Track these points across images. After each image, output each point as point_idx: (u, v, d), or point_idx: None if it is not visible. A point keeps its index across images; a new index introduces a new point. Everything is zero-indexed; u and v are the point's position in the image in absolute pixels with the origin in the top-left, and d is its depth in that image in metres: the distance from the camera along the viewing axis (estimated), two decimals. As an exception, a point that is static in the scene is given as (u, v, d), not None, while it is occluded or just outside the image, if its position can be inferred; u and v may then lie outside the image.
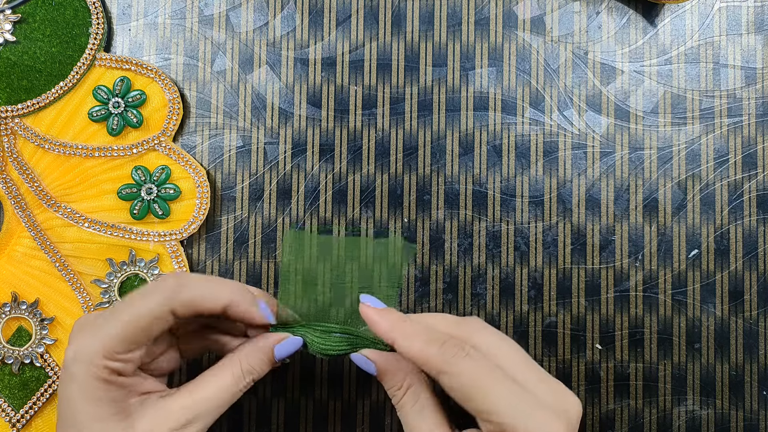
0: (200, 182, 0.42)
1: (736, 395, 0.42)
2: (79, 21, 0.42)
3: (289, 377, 0.42)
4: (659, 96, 0.42)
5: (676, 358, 0.42)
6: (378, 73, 0.43)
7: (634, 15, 0.43)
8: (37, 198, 0.42)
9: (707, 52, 0.43)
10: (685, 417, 0.41)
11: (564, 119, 0.42)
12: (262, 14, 0.43)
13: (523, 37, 0.43)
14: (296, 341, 0.35)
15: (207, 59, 0.43)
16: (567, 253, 0.42)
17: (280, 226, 0.43)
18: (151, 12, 0.43)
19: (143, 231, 0.42)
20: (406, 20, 0.43)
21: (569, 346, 0.42)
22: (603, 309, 0.42)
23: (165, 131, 0.42)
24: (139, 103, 0.42)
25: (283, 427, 0.42)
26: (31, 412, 0.41)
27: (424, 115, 0.43)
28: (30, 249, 0.42)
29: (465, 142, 0.42)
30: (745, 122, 0.42)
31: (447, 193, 0.42)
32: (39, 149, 0.42)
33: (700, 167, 0.42)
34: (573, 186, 0.42)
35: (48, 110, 0.42)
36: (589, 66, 0.43)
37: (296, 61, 0.43)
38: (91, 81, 0.42)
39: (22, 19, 0.42)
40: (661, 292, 0.42)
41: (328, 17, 0.43)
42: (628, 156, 0.42)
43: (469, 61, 0.43)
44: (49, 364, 0.41)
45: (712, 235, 0.42)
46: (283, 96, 0.43)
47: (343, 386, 0.42)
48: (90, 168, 0.42)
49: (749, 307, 0.42)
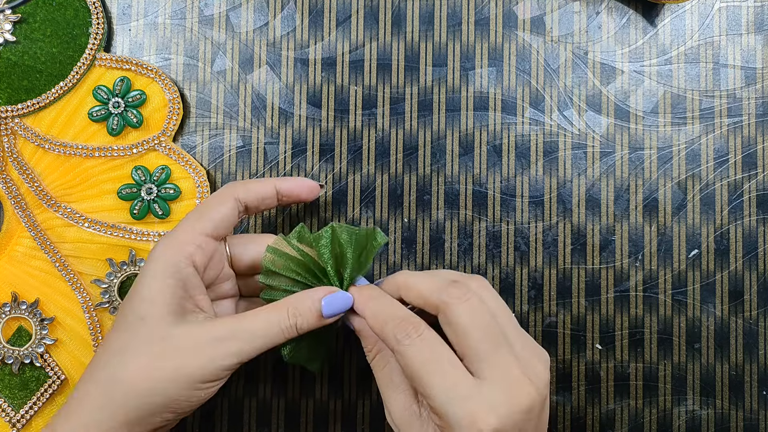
0: (200, 182, 0.42)
1: (736, 395, 0.42)
2: (79, 21, 0.42)
3: (289, 377, 0.42)
4: (659, 96, 0.42)
5: (676, 358, 0.42)
6: (378, 73, 0.43)
7: (634, 15, 0.43)
8: (37, 198, 0.42)
9: (707, 52, 0.43)
10: (685, 417, 0.41)
11: (564, 119, 0.42)
12: (262, 14, 0.43)
13: (523, 37, 0.43)
14: (346, 297, 0.36)
15: (207, 59, 0.43)
16: (567, 253, 0.42)
17: (280, 227, 0.43)
18: (151, 12, 0.43)
19: (143, 231, 0.42)
20: (406, 20, 0.43)
21: (569, 346, 0.42)
22: (603, 309, 0.42)
23: (165, 131, 0.42)
24: (139, 103, 0.42)
25: (283, 427, 0.42)
26: (31, 412, 0.41)
27: (424, 115, 0.43)
28: (30, 249, 0.42)
29: (465, 142, 0.42)
30: (745, 122, 0.42)
31: (447, 193, 0.42)
32: (39, 149, 0.42)
33: (700, 167, 0.42)
34: (573, 186, 0.42)
35: (48, 110, 0.42)
36: (589, 66, 0.43)
37: (296, 61, 0.43)
38: (91, 81, 0.42)
39: (23, 19, 0.42)
40: (661, 292, 0.42)
41: (328, 17, 0.43)
42: (628, 156, 0.42)
43: (469, 61, 0.43)
44: (49, 364, 0.41)
45: (712, 235, 0.42)
46: (283, 96, 0.43)
47: (343, 386, 0.42)
48: (90, 168, 0.42)
49: (749, 307, 0.42)
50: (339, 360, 0.42)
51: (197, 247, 0.35)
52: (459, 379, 0.32)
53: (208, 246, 0.36)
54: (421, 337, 0.33)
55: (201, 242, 0.35)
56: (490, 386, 0.31)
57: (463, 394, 0.31)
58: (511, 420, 0.31)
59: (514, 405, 0.31)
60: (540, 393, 0.32)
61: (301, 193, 0.39)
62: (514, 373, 0.32)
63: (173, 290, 0.34)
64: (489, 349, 0.32)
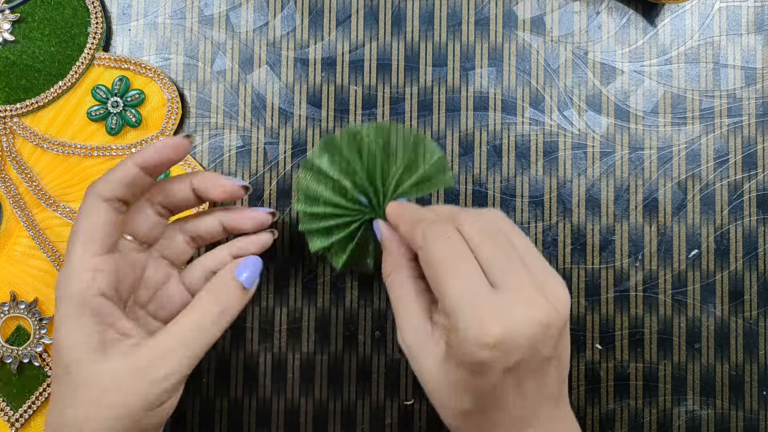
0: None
1: (736, 395, 0.42)
2: (78, 20, 0.42)
3: (289, 377, 0.42)
4: (659, 96, 0.42)
5: (676, 358, 0.42)
6: (378, 73, 0.43)
7: (634, 15, 0.43)
8: (35, 197, 0.42)
9: (707, 52, 0.43)
10: (685, 417, 0.41)
11: (564, 119, 0.42)
12: (262, 14, 0.43)
13: (523, 37, 0.43)
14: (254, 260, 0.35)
15: (207, 59, 0.43)
16: (567, 253, 0.42)
17: (280, 227, 0.42)
18: (151, 12, 0.43)
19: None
20: (406, 20, 0.43)
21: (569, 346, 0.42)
22: (603, 309, 0.42)
23: (164, 131, 0.42)
24: (137, 103, 0.42)
25: (283, 427, 0.42)
26: (30, 411, 0.41)
27: (424, 115, 0.43)
28: (29, 248, 0.42)
29: (465, 142, 0.42)
30: (745, 122, 0.42)
31: (447, 193, 0.42)
32: (38, 149, 0.42)
33: (700, 167, 0.42)
34: (573, 186, 0.42)
35: (47, 110, 0.42)
36: (589, 66, 0.43)
37: (296, 61, 0.43)
38: (89, 80, 0.42)
39: (21, 18, 0.42)
40: (661, 292, 0.42)
41: (328, 17, 0.43)
42: (628, 156, 0.42)
43: (469, 61, 0.43)
44: (48, 364, 0.41)
45: (712, 235, 0.42)
46: (283, 96, 0.43)
47: (343, 386, 0.42)
48: (89, 167, 0.42)
49: (749, 307, 0.42)
50: (339, 360, 0.42)
51: (94, 272, 0.32)
52: (477, 283, 0.30)
53: (106, 264, 0.33)
54: (449, 239, 0.32)
55: (95, 265, 0.33)
56: (507, 296, 0.30)
57: (477, 298, 0.30)
58: (525, 331, 0.30)
59: (528, 318, 0.30)
60: (559, 312, 0.31)
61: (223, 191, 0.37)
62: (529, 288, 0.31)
63: (88, 329, 0.32)
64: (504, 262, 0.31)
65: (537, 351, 0.30)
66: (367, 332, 0.42)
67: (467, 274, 0.31)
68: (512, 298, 0.30)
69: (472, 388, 0.31)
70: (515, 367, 0.30)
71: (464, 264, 0.31)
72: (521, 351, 0.30)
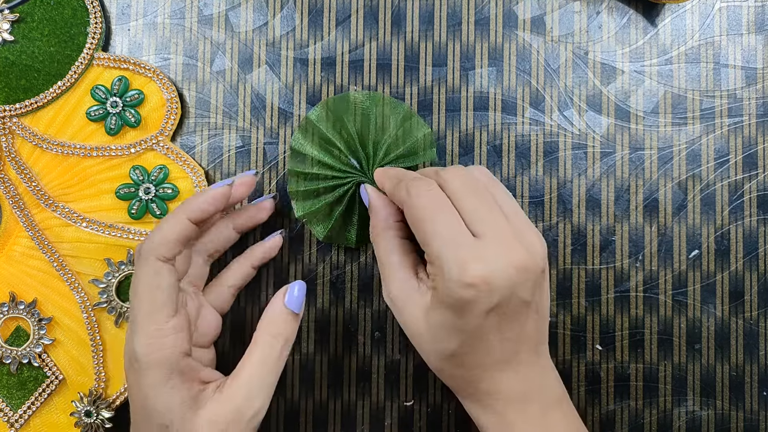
0: (198, 182, 0.42)
1: (737, 396, 0.41)
2: (77, 20, 0.42)
3: (289, 377, 0.42)
4: (659, 96, 0.42)
5: (677, 358, 0.42)
6: (378, 73, 0.43)
7: (634, 15, 0.43)
8: (35, 198, 0.42)
9: (707, 52, 0.43)
10: (685, 417, 0.41)
11: (564, 119, 0.42)
12: (261, 14, 0.43)
13: (523, 37, 0.43)
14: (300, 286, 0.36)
15: (206, 59, 0.43)
16: (567, 254, 0.42)
17: (280, 227, 0.42)
18: (151, 12, 0.43)
19: (141, 231, 0.42)
20: (406, 20, 0.43)
21: (569, 346, 0.42)
22: (603, 309, 0.42)
23: (163, 131, 0.42)
24: (137, 103, 0.42)
25: (283, 427, 0.42)
26: (30, 412, 0.41)
27: (424, 115, 0.42)
28: (28, 249, 0.42)
29: (465, 142, 0.42)
30: (745, 122, 0.42)
31: (447, 193, 0.42)
32: (37, 149, 0.42)
33: (700, 167, 0.42)
34: (573, 186, 0.42)
35: (46, 110, 0.42)
36: (589, 66, 0.43)
37: (296, 60, 0.43)
38: (89, 80, 0.42)
39: (21, 18, 0.42)
40: (661, 293, 0.42)
41: (328, 17, 0.43)
42: (628, 156, 0.42)
43: (469, 61, 0.43)
44: (47, 364, 0.41)
45: (712, 236, 0.42)
46: (282, 96, 0.43)
47: (343, 386, 0.42)
48: (88, 167, 0.42)
49: (749, 307, 0.42)
50: (339, 360, 0.42)
51: (175, 336, 0.34)
52: (458, 230, 0.33)
53: (179, 322, 0.34)
54: (430, 191, 0.34)
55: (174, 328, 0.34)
56: (487, 243, 0.33)
57: (459, 244, 0.32)
58: (504, 274, 0.32)
59: (506, 262, 0.32)
60: (534, 258, 0.33)
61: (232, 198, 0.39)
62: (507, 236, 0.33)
63: (179, 389, 0.33)
64: (485, 213, 0.33)
65: (515, 294, 0.33)
66: (367, 333, 0.42)
67: (449, 222, 0.33)
68: (492, 244, 0.33)
69: (457, 329, 0.33)
70: (496, 309, 0.32)
71: (445, 213, 0.33)
72: (500, 292, 0.32)
